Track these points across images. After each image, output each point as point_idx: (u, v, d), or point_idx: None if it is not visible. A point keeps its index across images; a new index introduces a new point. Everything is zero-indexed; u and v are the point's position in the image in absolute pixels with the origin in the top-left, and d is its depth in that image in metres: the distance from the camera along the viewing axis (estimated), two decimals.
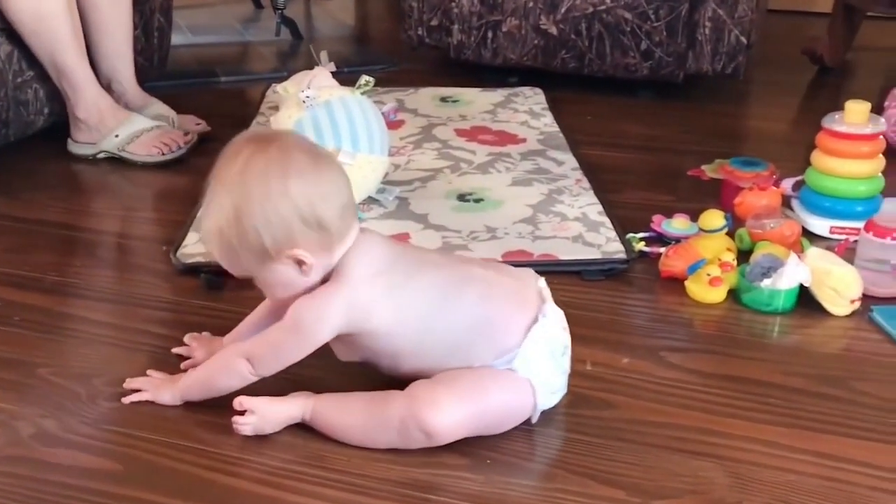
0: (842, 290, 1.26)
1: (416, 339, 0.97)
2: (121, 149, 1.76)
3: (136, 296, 1.31)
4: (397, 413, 0.95)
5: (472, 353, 0.97)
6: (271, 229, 0.93)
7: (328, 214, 0.94)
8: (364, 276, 0.96)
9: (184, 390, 1.04)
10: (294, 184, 0.93)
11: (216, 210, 0.95)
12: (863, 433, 1.03)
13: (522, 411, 0.99)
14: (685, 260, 1.34)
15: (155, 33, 2.09)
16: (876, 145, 1.47)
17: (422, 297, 0.98)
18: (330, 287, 0.96)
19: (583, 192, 1.63)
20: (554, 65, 2.22)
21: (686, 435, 1.02)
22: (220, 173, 0.96)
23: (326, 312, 0.95)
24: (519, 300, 0.99)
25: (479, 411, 0.96)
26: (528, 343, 0.96)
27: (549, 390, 1.00)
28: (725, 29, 2.11)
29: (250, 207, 0.92)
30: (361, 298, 0.96)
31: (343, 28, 3.03)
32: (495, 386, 0.96)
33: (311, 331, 0.96)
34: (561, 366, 1.01)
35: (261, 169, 0.93)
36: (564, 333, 1.01)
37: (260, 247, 0.93)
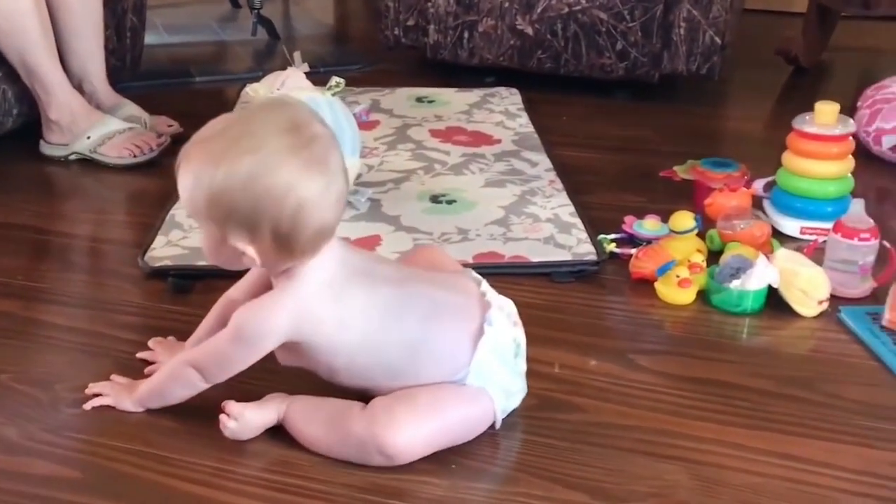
0: (810, 291, 1.26)
1: (351, 356, 0.95)
2: (92, 150, 1.74)
3: (102, 300, 1.30)
4: (356, 432, 0.94)
5: (418, 374, 0.96)
6: (243, 215, 0.87)
7: (303, 237, 0.89)
8: (314, 287, 0.93)
9: (141, 400, 1.03)
10: (294, 194, 0.86)
11: (219, 150, 0.87)
12: (829, 434, 1.03)
13: (483, 422, 0.98)
14: (655, 261, 1.34)
15: (128, 33, 2.07)
16: (845, 146, 1.48)
17: (364, 314, 0.94)
18: (277, 295, 0.94)
19: (556, 194, 1.63)
20: (530, 65, 2.22)
21: (652, 438, 1.02)
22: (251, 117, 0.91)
23: (271, 323, 0.92)
24: (463, 317, 0.97)
25: (440, 428, 0.95)
26: (476, 358, 0.96)
27: (506, 394, 0.99)
28: (700, 29, 2.12)
29: (244, 183, 0.86)
30: (309, 310, 0.93)
31: (321, 27, 3.01)
32: (453, 401, 0.96)
33: (253, 341, 0.94)
34: (515, 368, 1.00)
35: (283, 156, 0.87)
36: (516, 329, 1.00)
37: (222, 221, 0.88)
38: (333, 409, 0.97)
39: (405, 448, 0.93)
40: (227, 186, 0.87)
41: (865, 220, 1.31)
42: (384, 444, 0.92)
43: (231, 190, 0.87)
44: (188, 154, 0.91)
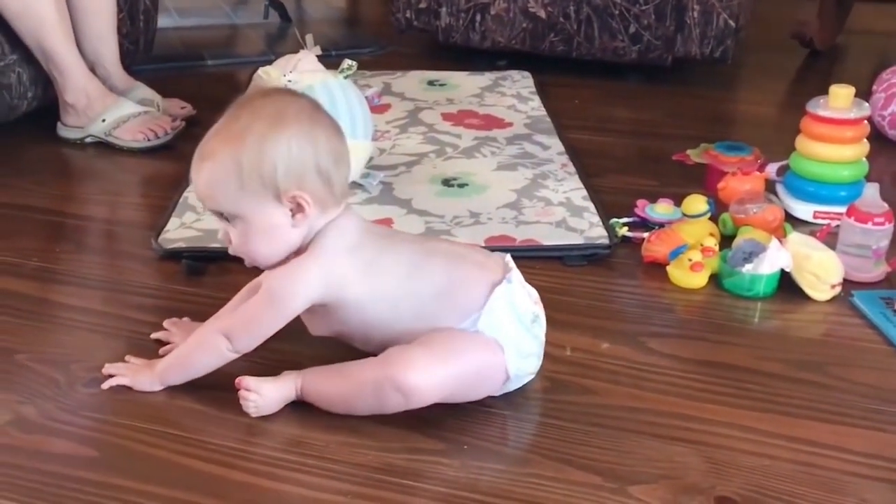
0: (822, 275, 1.26)
1: (386, 311, 0.98)
2: (107, 133, 1.75)
3: (117, 281, 1.31)
4: (372, 376, 0.96)
5: (438, 319, 0.98)
6: (289, 165, 0.94)
7: (338, 176, 0.97)
8: (340, 249, 0.98)
9: (162, 373, 1.04)
10: (322, 135, 0.96)
11: (237, 131, 0.95)
12: (840, 418, 1.03)
13: (496, 373, 0.99)
14: (667, 245, 1.34)
15: (141, 16, 2.07)
16: (860, 130, 1.47)
17: (392, 271, 0.99)
18: (305, 258, 0.97)
19: (567, 177, 1.62)
20: (542, 48, 2.21)
21: (663, 420, 1.02)
22: (247, 104, 0.98)
23: (301, 281, 0.96)
24: (482, 266, 1.01)
25: (454, 373, 0.96)
26: (490, 303, 0.97)
27: (520, 354, 1.00)
28: (714, 12, 2.10)
29: (277, 137, 0.94)
30: (336, 270, 0.97)
31: (333, 11, 3.01)
32: (468, 346, 0.97)
33: (285, 300, 0.97)
34: (531, 331, 1.01)
35: (295, 111, 0.96)
36: (536, 307, 1.02)
37: (270, 179, 0.94)
38: (347, 365, 1.00)
39: (422, 385, 0.94)
40: (263, 148, 0.94)
41: (880, 205, 1.30)
42: (401, 380, 0.93)
43: (267, 148, 0.94)
44: (208, 152, 0.97)
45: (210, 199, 0.98)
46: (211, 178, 0.96)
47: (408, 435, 0.97)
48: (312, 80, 1.50)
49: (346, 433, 0.98)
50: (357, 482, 0.92)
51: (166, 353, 1.08)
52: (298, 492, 0.91)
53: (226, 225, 0.99)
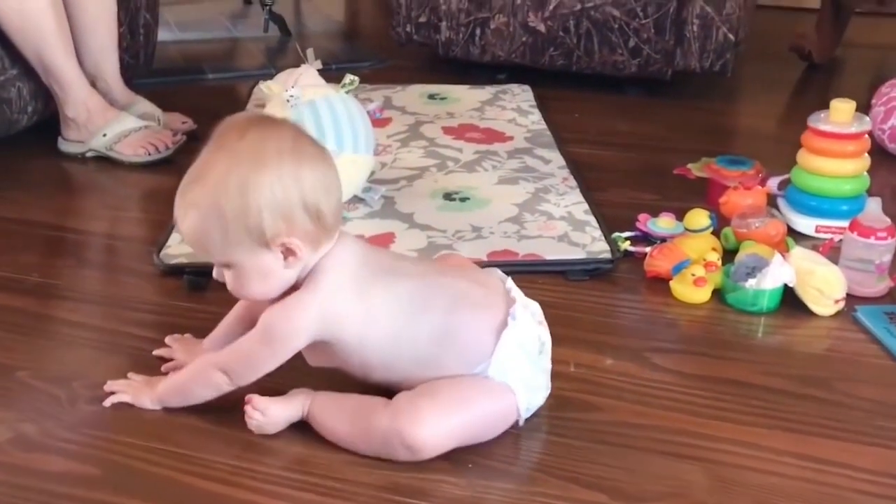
0: (826, 290, 1.26)
1: (385, 352, 0.96)
2: (108, 148, 1.74)
3: (118, 297, 1.30)
4: (381, 426, 0.94)
5: (441, 365, 0.96)
6: (275, 212, 0.90)
7: (329, 207, 0.93)
8: (338, 285, 0.95)
9: (161, 395, 1.03)
10: (306, 170, 0.92)
11: (216, 180, 0.90)
12: (846, 435, 1.03)
13: (507, 418, 0.98)
14: (670, 260, 1.34)
15: (141, 30, 2.07)
16: (861, 144, 1.47)
17: (389, 309, 0.96)
18: (303, 294, 0.95)
19: (569, 191, 1.62)
20: (542, 62, 2.22)
21: (669, 437, 1.01)
22: (225, 144, 0.93)
23: (299, 321, 0.94)
24: (486, 308, 0.98)
25: (463, 423, 0.95)
26: (499, 349, 0.96)
27: (529, 389, 0.99)
28: (713, 26, 2.11)
29: (259, 184, 0.89)
30: (334, 308, 0.94)
31: (332, 24, 3.01)
32: (477, 395, 0.96)
33: (283, 340, 0.95)
34: (539, 364, 1.00)
35: (275, 148, 0.91)
36: (541, 328, 1.01)
37: (257, 228, 0.90)
38: (357, 405, 0.98)
39: (429, 441, 0.93)
40: (245, 195, 0.90)
41: (882, 219, 1.30)
42: (408, 437, 0.92)
43: (250, 196, 0.90)
44: (190, 202, 0.93)
45: (198, 249, 0.96)
46: (196, 228, 0.93)
47: None
48: (314, 94, 1.50)
49: (351, 452, 0.97)
50: (362, 501, 0.91)
51: (168, 370, 1.08)
52: None
53: (219, 267, 0.97)
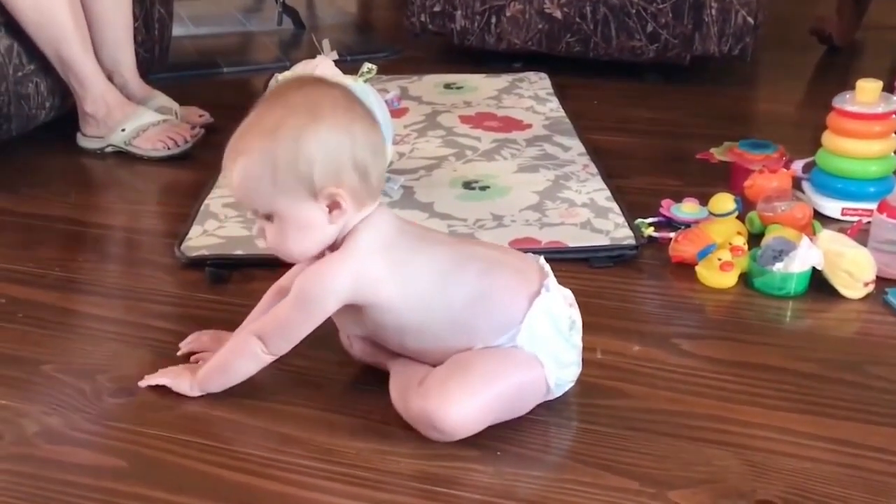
0: (855, 272, 1.24)
1: (418, 314, 0.96)
2: (127, 143, 1.74)
3: (140, 290, 1.30)
4: (413, 409, 0.95)
5: (474, 329, 0.96)
6: (326, 163, 0.91)
7: (375, 169, 0.94)
8: (373, 249, 0.95)
9: (202, 380, 1.02)
10: (358, 128, 0.93)
11: (271, 126, 0.91)
12: (880, 419, 1.01)
13: (537, 389, 0.97)
14: (695, 245, 1.32)
15: (156, 24, 2.07)
16: (888, 125, 1.45)
17: (425, 273, 0.96)
18: (337, 256, 0.95)
19: (590, 178, 1.61)
20: (559, 49, 2.20)
21: (699, 423, 1.00)
22: (281, 96, 0.94)
23: (333, 282, 0.94)
24: (520, 276, 0.98)
25: (494, 400, 0.94)
26: (530, 317, 0.95)
27: (560, 364, 0.98)
28: (732, 10, 2.08)
29: (314, 133, 0.90)
30: (369, 270, 0.94)
31: (345, 16, 3.00)
32: (506, 368, 0.95)
33: (316, 301, 0.95)
34: (570, 340, 0.99)
35: (330, 104, 0.93)
36: (572, 310, 1.00)
37: (307, 177, 0.91)
38: (400, 378, 0.99)
39: (459, 423, 0.93)
40: (298, 144, 0.91)
41: None
42: (438, 420, 0.92)
43: (303, 144, 0.91)
44: (242, 148, 0.93)
45: (244, 197, 0.96)
46: (245, 175, 0.93)
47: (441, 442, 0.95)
48: None
49: (378, 440, 0.96)
50: (390, 490, 0.90)
51: (197, 361, 1.07)
52: (330, 500, 0.89)
53: (261, 221, 0.97)
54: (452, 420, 0.92)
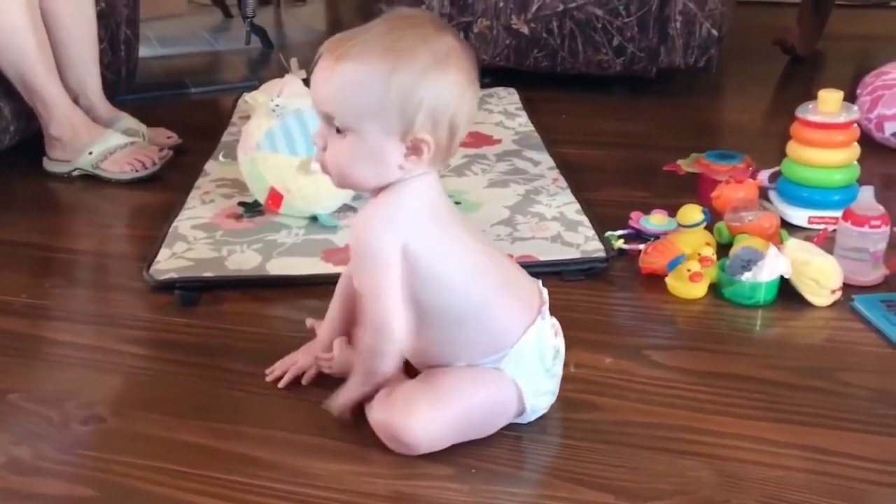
0: (822, 280, 1.25)
1: (438, 300, 0.93)
2: (94, 166, 1.73)
3: (109, 315, 1.28)
4: (379, 420, 0.95)
5: (467, 342, 0.94)
6: (433, 110, 0.87)
7: (459, 139, 0.91)
8: (420, 207, 0.91)
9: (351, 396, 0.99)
10: (471, 93, 0.90)
11: (401, 49, 0.86)
12: (850, 425, 1.02)
13: (507, 412, 0.97)
14: (665, 256, 1.33)
15: (122, 46, 2.06)
16: (850, 134, 1.47)
17: (459, 260, 0.93)
18: (383, 200, 0.90)
19: (560, 192, 1.62)
20: (527, 64, 2.21)
21: (672, 434, 1.00)
22: (417, 26, 0.88)
23: (385, 224, 0.89)
24: (524, 302, 0.97)
25: (459, 417, 0.94)
26: (521, 343, 0.95)
27: (536, 393, 0.98)
28: (696, 22, 2.11)
29: (438, 78, 0.86)
30: (415, 228, 0.90)
31: (314, 34, 3.01)
32: (477, 388, 0.95)
33: (376, 245, 0.89)
34: (550, 370, 0.99)
35: (456, 65, 0.88)
36: (558, 339, 1.00)
37: (411, 115, 0.86)
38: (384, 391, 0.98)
39: (421, 437, 0.92)
40: (420, 80, 0.86)
41: (875, 207, 1.30)
42: (400, 432, 0.92)
43: (424, 83, 0.86)
44: (355, 54, 0.86)
45: (332, 101, 0.88)
46: (348, 81, 0.86)
47: (415, 461, 0.95)
48: (300, 103, 1.49)
49: (353, 462, 0.95)
50: None
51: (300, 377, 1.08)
52: None
53: (328, 130, 0.90)
54: (414, 434, 0.92)
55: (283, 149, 1.45)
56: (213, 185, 1.66)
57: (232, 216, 1.53)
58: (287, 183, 1.46)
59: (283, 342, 1.18)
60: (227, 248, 1.41)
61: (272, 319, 1.25)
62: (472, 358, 0.96)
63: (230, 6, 3.11)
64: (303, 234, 1.47)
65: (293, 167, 1.45)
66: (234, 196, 1.60)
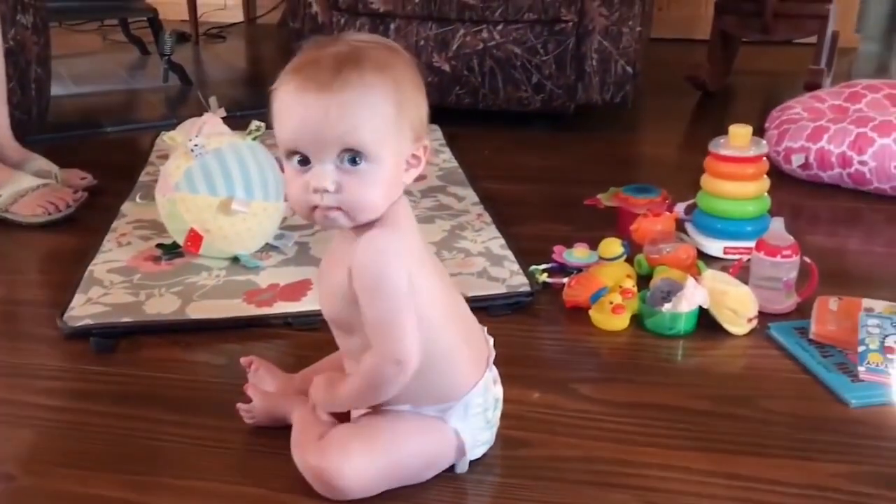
0: (739, 309, 1.29)
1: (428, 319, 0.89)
2: (4, 209, 1.66)
3: (20, 365, 1.23)
4: (310, 463, 0.93)
5: (420, 388, 0.92)
6: (425, 116, 0.87)
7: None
8: (413, 227, 0.90)
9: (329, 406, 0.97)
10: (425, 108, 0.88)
11: (388, 64, 0.83)
12: (770, 450, 1.05)
13: (444, 461, 0.97)
14: (587, 289, 1.35)
15: (32, 85, 2.00)
16: (760, 166, 1.53)
17: (435, 301, 0.91)
18: (385, 233, 0.86)
19: (485, 227, 1.63)
20: (449, 101, 2.24)
21: (600, 467, 1.01)
22: (393, 50, 0.86)
23: (397, 256, 0.86)
24: (478, 353, 0.97)
25: (395, 466, 0.93)
26: (468, 398, 0.95)
27: (475, 443, 0.98)
28: (612, 60, 2.17)
29: (420, 84, 0.87)
30: (413, 246, 0.89)
31: (234, 71, 2.98)
32: (415, 437, 0.94)
33: (389, 276, 0.85)
34: (490, 420, 0.99)
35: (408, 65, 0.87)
36: (496, 387, 1.00)
37: (419, 125, 0.86)
38: (301, 429, 0.96)
39: (353, 483, 0.91)
40: (417, 87, 0.86)
41: (786, 238, 1.35)
42: (332, 478, 0.91)
43: (419, 89, 0.86)
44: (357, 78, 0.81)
45: (356, 134, 0.81)
46: (365, 108, 0.81)
47: None
48: (220, 142, 1.47)
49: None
50: None
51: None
52: None
53: (339, 168, 0.83)
54: (347, 479, 0.91)
55: (202, 189, 1.43)
56: (130, 226, 1.62)
57: (150, 259, 1.49)
58: (207, 223, 1.44)
59: (205, 388, 1.15)
60: (144, 292, 1.37)
61: (193, 365, 1.22)
62: (418, 403, 0.94)
63: (147, 43, 3.06)
64: (224, 275, 1.44)
65: (213, 207, 1.43)
66: (152, 238, 1.56)
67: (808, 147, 1.88)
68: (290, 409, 1.01)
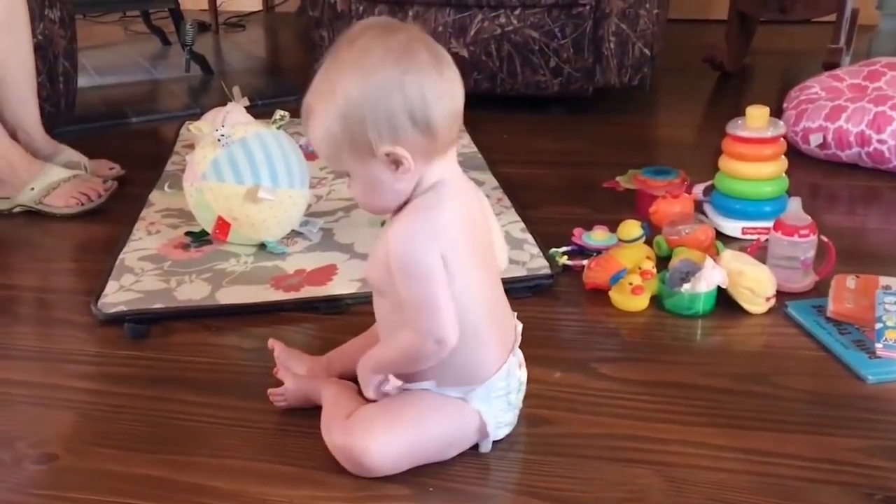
0: (757, 289, 1.31)
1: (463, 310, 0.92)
2: (37, 202, 1.70)
3: (57, 351, 1.27)
4: (336, 442, 0.97)
5: (445, 366, 0.94)
6: (378, 120, 0.87)
7: (438, 117, 0.88)
8: (459, 226, 0.92)
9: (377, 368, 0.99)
10: (411, 77, 0.86)
11: (327, 86, 0.88)
12: (786, 426, 1.07)
13: (466, 441, 1.00)
14: (607, 271, 1.37)
15: (60, 78, 2.04)
16: (778, 147, 1.54)
17: (468, 282, 0.93)
18: (414, 218, 0.91)
19: (504, 211, 1.65)
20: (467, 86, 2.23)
21: (620, 444, 1.04)
22: (335, 53, 0.90)
23: (425, 238, 0.89)
24: (505, 339, 1.00)
25: (418, 444, 0.96)
26: (492, 381, 0.98)
27: (498, 425, 1.01)
28: (629, 42, 2.18)
29: (362, 91, 0.86)
30: (452, 244, 0.90)
31: (254, 60, 3.01)
32: (437, 417, 0.97)
33: (420, 261, 0.89)
34: (513, 402, 1.02)
35: (380, 56, 0.87)
36: (521, 371, 1.03)
37: (361, 137, 0.87)
38: (330, 409, 1.00)
39: (379, 461, 0.94)
40: (349, 101, 0.87)
41: (803, 217, 1.36)
42: (358, 456, 0.94)
43: (355, 101, 0.87)
44: (308, 110, 0.91)
45: (321, 156, 0.93)
46: (315, 136, 0.91)
47: (373, 483, 0.96)
48: (245, 131, 1.50)
49: (311, 487, 0.97)
50: None
51: None
52: None
53: (346, 177, 0.94)
54: (372, 457, 0.94)
55: (229, 178, 1.46)
56: (158, 215, 1.66)
57: (179, 246, 1.53)
58: (234, 211, 1.47)
59: (235, 371, 1.19)
60: (175, 279, 1.41)
61: (223, 348, 1.26)
62: (441, 383, 0.97)
63: (168, 34, 3.10)
64: (251, 261, 1.48)
65: (240, 196, 1.46)
66: (181, 226, 1.60)
67: (826, 126, 1.88)
68: (320, 389, 1.05)
